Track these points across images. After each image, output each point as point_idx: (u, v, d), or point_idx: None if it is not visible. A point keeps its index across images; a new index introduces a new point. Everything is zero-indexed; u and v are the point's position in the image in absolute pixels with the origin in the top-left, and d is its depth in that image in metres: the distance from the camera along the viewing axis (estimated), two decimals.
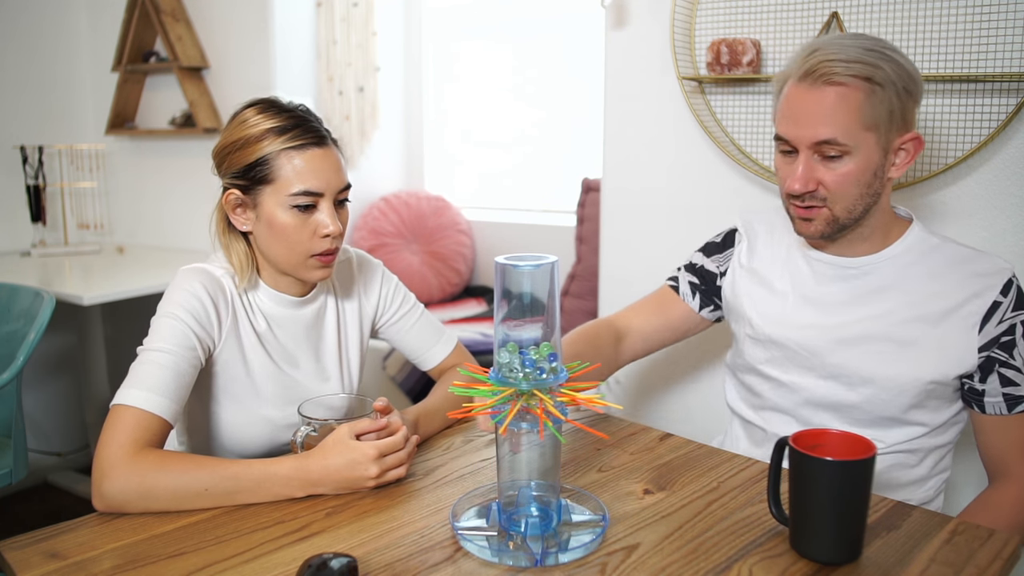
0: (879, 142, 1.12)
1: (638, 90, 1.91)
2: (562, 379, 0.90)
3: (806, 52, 1.14)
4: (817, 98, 1.11)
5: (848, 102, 1.10)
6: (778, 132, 1.17)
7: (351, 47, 3.08)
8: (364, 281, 1.37)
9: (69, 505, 2.86)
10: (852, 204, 1.15)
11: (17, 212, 3.13)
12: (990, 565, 0.88)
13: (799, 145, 1.14)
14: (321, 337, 1.31)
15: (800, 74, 1.13)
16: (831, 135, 1.11)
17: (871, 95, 1.10)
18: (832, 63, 1.10)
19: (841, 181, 1.13)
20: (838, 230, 1.18)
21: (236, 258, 1.21)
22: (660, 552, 0.91)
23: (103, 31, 3.25)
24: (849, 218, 1.16)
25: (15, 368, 1.88)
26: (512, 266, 0.88)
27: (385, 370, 2.72)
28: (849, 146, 1.11)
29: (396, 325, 1.39)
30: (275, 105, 1.18)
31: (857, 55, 1.10)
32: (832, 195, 1.14)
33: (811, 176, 1.14)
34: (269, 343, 1.25)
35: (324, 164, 1.16)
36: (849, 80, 1.10)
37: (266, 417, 1.25)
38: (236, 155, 1.16)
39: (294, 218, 1.15)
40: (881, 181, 1.15)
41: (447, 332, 1.43)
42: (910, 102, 1.13)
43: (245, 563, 0.89)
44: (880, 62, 1.10)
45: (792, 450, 0.88)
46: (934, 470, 1.26)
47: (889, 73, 1.10)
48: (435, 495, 1.07)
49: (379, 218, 3.24)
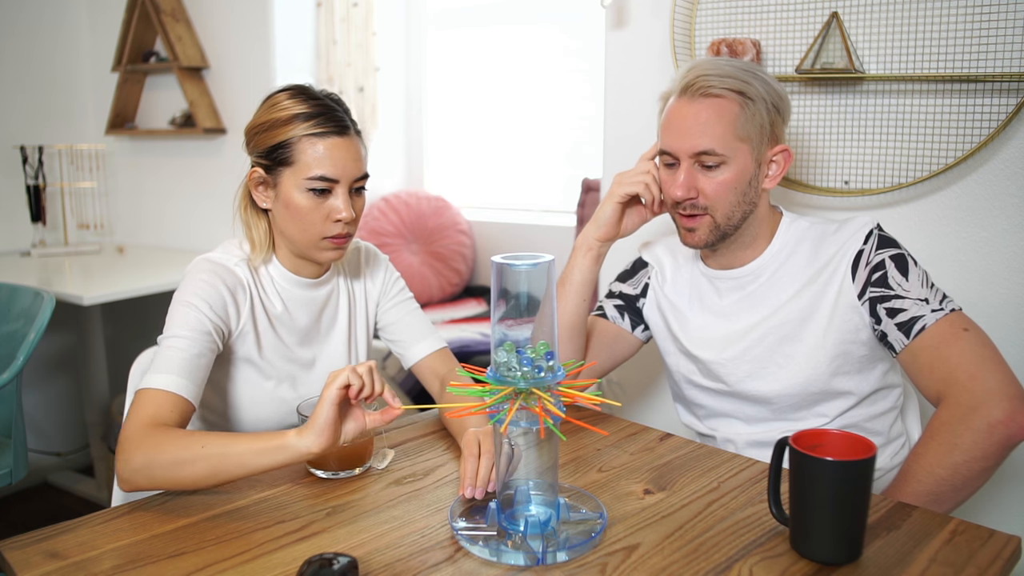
0: (752, 153, 1.23)
1: (638, 90, 1.91)
2: (560, 377, 0.90)
3: (685, 70, 1.25)
4: (696, 110, 1.22)
5: (724, 114, 1.21)
6: (661, 147, 1.28)
7: (351, 47, 3.08)
8: (370, 270, 1.42)
9: (69, 505, 2.86)
10: (730, 211, 1.25)
11: (17, 212, 3.13)
12: (990, 565, 0.88)
13: (680, 156, 1.24)
14: (334, 318, 1.36)
15: (680, 89, 1.25)
16: (709, 145, 1.21)
17: (744, 108, 1.21)
18: (709, 77, 1.22)
19: (719, 189, 1.23)
20: (720, 238, 1.28)
21: (256, 233, 1.27)
22: (660, 552, 0.91)
23: (103, 31, 3.25)
24: (729, 224, 1.26)
25: (15, 368, 1.88)
26: (509, 265, 0.89)
27: (385, 370, 2.71)
28: (725, 156, 1.22)
29: (389, 313, 1.42)
30: (305, 92, 1.23)
31: (731, 71, 1.22)
32: (712, 203, 1.24)
33: (692, 184, 1.24)
34: (284, 324, 1.29)
35: (343, 152, 1.20)
36: (724, 93, 1.21)
37: (280, 397, 1.30)
38: (263, 136, 1.21)
39: (309, 201, 1.20)
40: (756, 191, 1.26)
41: (438, 334, 1.45)
42: (779, 118, 1.25)
43: (245, 563, 0.89)
44: (751, 80, 1.22)
45: (792, 450, 0.88)
46: (888, 436, 1.31)
47: (760, 90, 1.22)
48: (435, 495, 1.07)
49: (379, 218, 3.24)
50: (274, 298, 1.28)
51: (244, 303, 1.24)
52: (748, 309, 1.31)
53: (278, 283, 1.29)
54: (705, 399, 1.38)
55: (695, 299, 1.38)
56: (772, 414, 1.30)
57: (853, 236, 1.24)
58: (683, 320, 1.39)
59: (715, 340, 1.33)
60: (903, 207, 1.60)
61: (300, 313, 1.30)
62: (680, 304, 1.40)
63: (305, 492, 1.07)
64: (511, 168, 3.34)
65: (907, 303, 1.18)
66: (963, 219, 1.54)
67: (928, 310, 1.17)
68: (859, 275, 1.22)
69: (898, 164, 1.57)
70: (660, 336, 1.44)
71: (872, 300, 1.20)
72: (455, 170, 3.50)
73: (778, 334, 1.27)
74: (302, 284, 1.30)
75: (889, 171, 1.58)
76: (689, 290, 1.39)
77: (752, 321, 1.30)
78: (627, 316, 1.46)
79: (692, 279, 1.40)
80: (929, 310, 1.17)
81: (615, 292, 1.49)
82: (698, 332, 1.36)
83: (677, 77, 1.26)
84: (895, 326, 1.19)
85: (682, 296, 1.40)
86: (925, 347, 1.17)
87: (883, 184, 1.58)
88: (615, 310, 1.47)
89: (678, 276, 1.42)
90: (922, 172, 1.54)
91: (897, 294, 1.19)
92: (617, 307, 1.47)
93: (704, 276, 1.38)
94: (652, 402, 2.00)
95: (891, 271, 1.20)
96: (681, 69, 1.27)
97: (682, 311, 1.39)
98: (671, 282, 1.42)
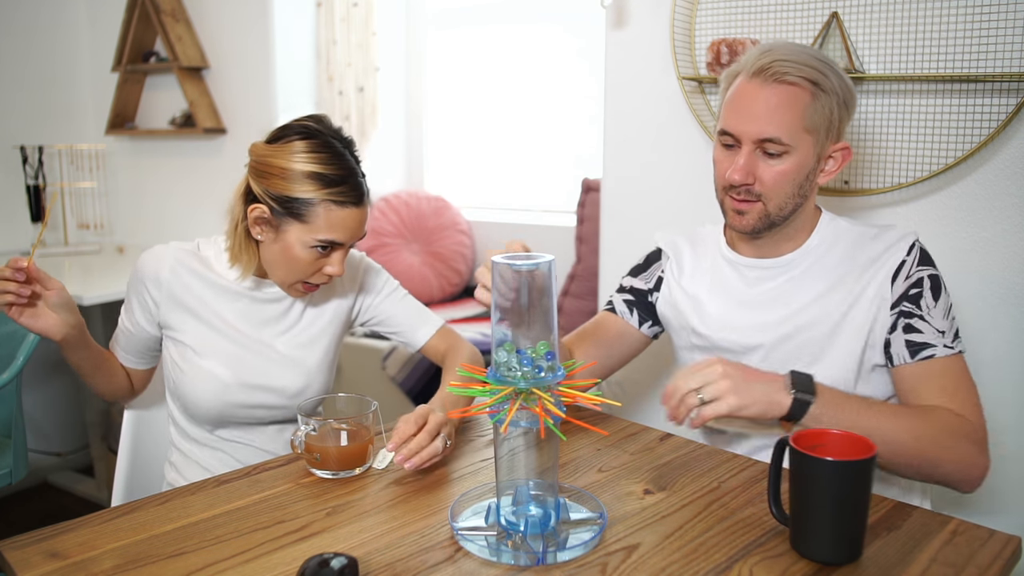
0: (815, 146, 1.20)
1: (638, 90, 1.91)
2: (560, 377, 0.90)
3: (761, 51, 1.20)
4: (767, 95, 1.17)
5: (795, 103, 1.17)
6: (722, 127, 1.23)
7: (351, 47, 3.08)
8: (349, 275, 1.40)
9: (69, 505, 2.86)
10: (784, 202, 1.21)
11: (17, 212, 3.13)
12: (991, 565, 0.88)
13: (743, 139, 1.20)
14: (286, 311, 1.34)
15: (753, 71, 1.19)
16: (775, 133, 1.17)
17: (816, 99, 1.17)
18: (785, 63, 1.17)
19: (777, 178, 1.19)
20: (768, 226, 1.24)
21: (246, 257, 1.27)
22: (660, 552, 0.91)
23: (103, 31, 3.25)
24: (779, 215, 1.23)
25: (15, 368, 1.88)
26: (510, 265, 0.88)
27: (385, 370, 2.71)
28: (790, 146, 1.18)
29: (380, 308, 1.42)
30: (327, 146, 1.20)
31: (808, 60, 1.17)
32: (767, 191, 1.20)
33: (751, 170, 1.20)
34: (232, 314, 1.30)
35: (356, 222, 1.22)
36: (799, 81, 1.16)
37: (215, 375, 1.29)
38: (277, 181, 1.19)
39: (309, 255, 1.22)
40: (811, 184, 1.23)
41: (433, 315, 1.46)
42: (846, 115, 1.21)
43: (245, 563, 0.89)
44: (827, 71, 1.18)
45: (792, 450, 0.88)
46: None
47: (834, 83, 1.18)
48: (435, 495, 1.07)
49: (379, 218, 3.24)
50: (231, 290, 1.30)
51: (177, 282, 1.28)
52: (776, 300, 1.28)
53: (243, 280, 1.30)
54: None
55: (716, 286, 1.34)
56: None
57: (896, 245, 1.22)
58: (702, 309, 1.35)
59: (738, 328, 1.30)
60: (903, 207, 1.60)
61: (256, 307, 1.32)
62: (699, 293, 1.36)
63: (305, 492, 1.07)
64: (511, 168, 3.34)
65: (926, 328, 1.18)
66: (963, 219, 1.54)
67: (941, 343, 1.17)
68: (898, 286, 1.20)
69: (898, 164, 1.57)
70: (674, 330, 1.41)
71: (901, 313, 1.19)
72: (455, 170, 3.50)
73: (808, 333, 1.24)
74: (266, 284, 1.31)
75: (889, 171, 1.58)
76: (710, 278, 1.36)
77: (781, 314, 1.27)
78: (636, 312, 1.44)
79: (714, 266, 1.36)
80: (942, 344, 1.17)
81: (626, 287, 1.46)
82: (719, 320, 1.32)
83: (750, 57, 1.21)
84: (905, 342, 1.18)
85: (701, 285, 1.36)
86: (922, 375, 1.17)
87: (883, 184, 1.58)
88: (624, 305, 1.44)
89: (698, 264, 1.38)
90: (922, 172, 1.54)
91: (922, 316, 1.18)
92: (627, 302, 1.44)
93: (728, 263, 1.34)
94: (652, 402, 2.00)
95: (926, 292, 1.19)
96: (754, 50, 1.22)
97: (701, 300, 1.35)
98: (689, 272, 1.38)
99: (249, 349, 1.31)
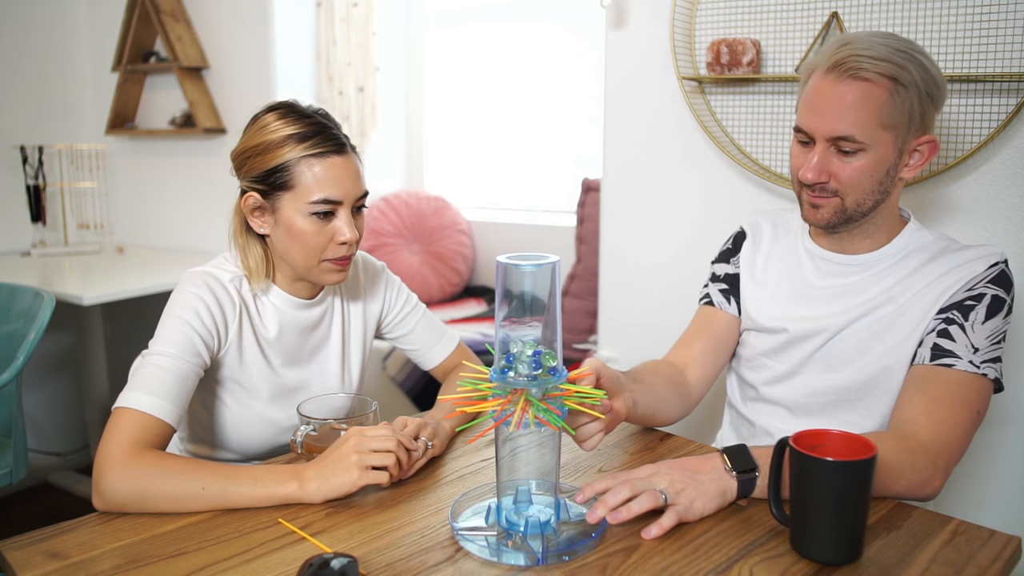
0: (895, 142, 1.14)
1: (638, 90, 1.91)
2: (562, 378, 0.90)
3: (838, 44, 1.15)
4: (841, 92, 1.12)
5: (870, 100, 1.11)
6: (797, 123, 1.19)
7: (351, 47, 3.08)
8: (369, 284, 1.38)
9: (69, 505, 2.86)
10: (863, 197, 1.17)
11: (17, 212, 3.13)
12: (991, 566, 0.88)
13: (816, 137, 1.16)
14: (326, 338, 1.32)
15: (828, 65, 1.14)
16: (849, 132, 1.12)
17: (894, 95, 1.11)
18: (861, 58, 1.11)
19: (853, 175, 1.15)
20: (845, 221, 1.19)
21: (253, 260, 1.22)
22: (660, 552, 0.91)
23: (103, 31, 3.25)
24: (858, 211, 1.18)
25: (15, 368, 1.88)
26: (514, 266, 0.88)
27: (385, 370, 2.72)
28: (865, 144, 1.13)
29: (400, 326, 1.41)
30: (295, 110, 1.18)
31: (886, 54, 1.11)
32: (844, 188, 1.16)
33: (824, 168, 1.16)
34: (274, 346, 1.25)
35: (343, 172, 1.17)
36: (875, 77, 1.11)
37: (267, 418, 1.26)
38: (256, 160, 1.17)
39: (312, 225, 1.16)
40: (893, 179, 1.17)
41: (449, 332, 1.44)
42: (931, 107, 1.15)
43: (245, 563, 0.89)
44: (908, 64, 1.11)
45: (793, 450, 0.88)
46: None
47: (915, 76, 1.11)
48: (435, 495, 1.07)
49: (379, 218, 3.24)
50: (270, 323, 1.24)
51: (233, 320, 1.20)
52: (838, 296, 1.24)
53: (277, 306, 1.25)
54: (762, 383, 1.31)
55: (785, 276, 1.31)
56: (828, 413, 1.25)
57: (975, 260, 1.17)
58: (759, 290, 1.32)
59: (789, 317, 1.27)
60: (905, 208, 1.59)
61: (293, 335, 1.27)
62: (766, 279, 1.32)
63: None
64: (511, 168, 3.34)
65: (960, 338, 1.13)
66: (963, 219, 1.54)
67: (967, 358, 1.12)
68: (957, 294, 1.16)
69: None
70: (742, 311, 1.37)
71: (945, 319, 1.15)
72: (455, 170, 3.50)
73: (862, 329, 1.21)
74: (299, 305, 1.26)
75: None
76: (782, 265, 1.32)
77: (837, 308, 1.23)
78: (732, 300, 1.37)
79: (791, 253, 1.32)
80: (967, 360, 1.11)
81: (719, 275, 1.40)
82: (776, 310, 1.29)
83: (826, 50, 1.16)
84: (932, 344, 1.14)
85: (771, 271, 1.33)
86: (928, 378, 1.13)
87: None
88: (721, 295, 1.38)
89: (774, 249, 1.35)
90: (921, 172, 1.54)
91: (963, 326, 1.13)
92: (722, 291, 1.38)
93: (807, 253, 1.30)
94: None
95: (980, 307, 1.14)
96: (832, 42, 1.17)
97: (762, 279, 1.32)
98: (764, 254, 1.35)
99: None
